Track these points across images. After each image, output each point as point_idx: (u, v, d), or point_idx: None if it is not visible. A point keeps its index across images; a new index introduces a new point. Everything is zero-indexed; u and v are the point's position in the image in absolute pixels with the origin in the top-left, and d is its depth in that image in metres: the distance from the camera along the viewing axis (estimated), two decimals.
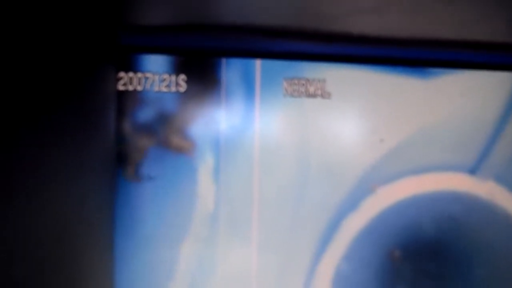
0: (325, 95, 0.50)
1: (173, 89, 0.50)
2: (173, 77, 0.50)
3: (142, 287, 0.49)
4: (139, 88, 0.50)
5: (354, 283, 0.49)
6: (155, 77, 0.50)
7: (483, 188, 0.51)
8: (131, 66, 0.50)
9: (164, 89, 0.50)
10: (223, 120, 0.50)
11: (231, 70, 0.50)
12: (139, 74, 0.50)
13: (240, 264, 0.49)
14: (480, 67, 0.51)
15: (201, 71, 0.50)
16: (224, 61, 0.50)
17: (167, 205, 0.49)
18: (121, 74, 0.50)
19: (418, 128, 0.51)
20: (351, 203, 0.50)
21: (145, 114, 0.50)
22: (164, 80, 0.50)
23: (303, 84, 0.50)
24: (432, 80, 0.50)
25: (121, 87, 0.50)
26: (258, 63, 0.50)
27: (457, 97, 0.51)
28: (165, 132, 0.50)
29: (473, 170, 0.50)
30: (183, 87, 0.50)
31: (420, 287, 0.50)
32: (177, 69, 0.50)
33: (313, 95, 0.50)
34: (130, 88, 0.50)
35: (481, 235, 0.50)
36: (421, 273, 0.50)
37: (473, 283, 0.50)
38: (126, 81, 0.50)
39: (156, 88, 0.50)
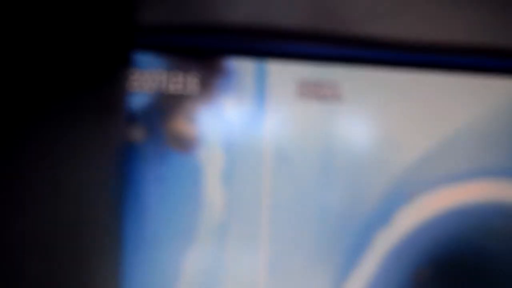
0: (337, 98, 0.50)
1: (184, 89, 0.49)
2: (184, 77, 0.49)
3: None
4: (150, 87, 0.49)
5: None
6: (167, 76, 0.49)
7: None
8: (142, 65, 0.49)
9: (174, 89, 0.49)
10: (234, 121, 0.49)
11: (242, 70, 0.50)
12: (151, 73, 0.49)
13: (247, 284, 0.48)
14: (496, 72, 0.50)
15: (212, 71, 0.50)
16: (236, 61, 0.50)
17: (174, 207, 0.48)
18: (133, 73, 0.49)
19: (453, 126, 0.49)
20: (381, 216, 0.48)
21: (155, 114, 0.49)
22: (174, 79, 0.49)
23: (315, 87, 0.50)
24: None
25: (133, 86, 0.49)
26: (270, 64, 0.50)
27: (495, 90, 0.49)
28: (174, 132, 0.49)
29: None
30: (194, 87, 0.49)
31: None
32: (188, 69, 0.50)
33: (325, 98, 0.50)
34: (142, 87, 0.49)
35: None
36: None
37: None
38: (138, 80, 0.49)
39: (166, 88, 0.49)
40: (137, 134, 0.49)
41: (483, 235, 0.47)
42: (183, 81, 0.49)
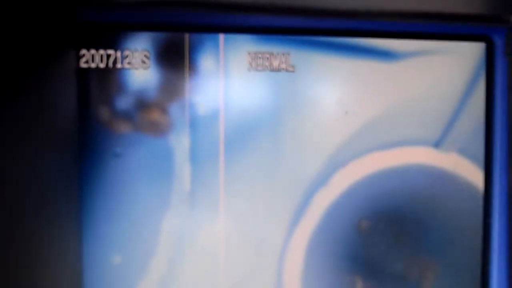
0: (290, 68, 0.50)
1: (137, 65, 0.49)
2: (136, 54, 0.49)
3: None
4: (101, 65, 0.49)
5: (325, 253, 0.52)
6: (118, 54, 0.49)
7: (447, 160, 0.53)
8: (93, 43, 0.49)
9: (127, 66, 0.49)
10: (188, 95, 0.50)
11: (194, 45, 0.49)
12: (101, 51, 0.49)
13: (213, 239, 0.51)
14: (441, 38, 0.52)
15: (164, 47, 0.49)
16: (187, 36, 0.49)
17: (132, 180, 0.50)
18: (83, 51, 0.48)
19: (384, 104, 0.52)
20: (321, 178, 0.52)
21: (108, 92, 0.49)
22: (126, 56, 0.49)
23: (267, 58, 0.50)
24: (396, 63, 0.52)
25: (83, 65, 0.48)
26: (221, 37, 0.50)
27: (420, 76, 0.52)
28: (129, 108, 0.49)
29: (437, 144, 0.52)
30: (146, 63, 0.49)
31: (386, 256, 0.53)
32: (140, 45, 0.49)
33: (277, 69, 0.50)
34: (93, 65, 0.49)
35: (445, 205, 0.53)
36: (388, 242, 0.53)
37: (438, 250, 0.53)
38: (88, 58, 0.48)
39: (119, 65, 0.49)
40: (91, 111, 0.49)
41: (409, 193, 0.53)
42: (135, 58, 0.49)
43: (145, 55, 0.49)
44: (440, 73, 0.52)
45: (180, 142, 0.50)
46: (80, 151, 0.49)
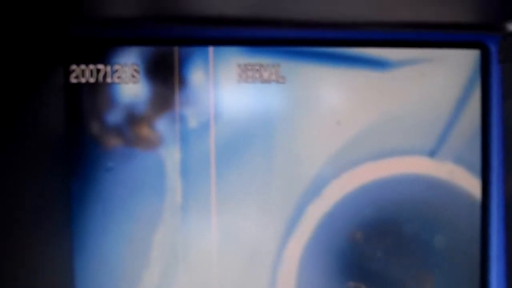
0: (280, 79, 0.50)
1: (126, 80, 0.49)
2: (126, 68, 0.49)
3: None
4: (91, 80, 0.49)
5: (319, 264, 0.52)
6: (107, 68, 0.49)
7: (442, 170, 0.52)
8: (83, 58, 0.49)
9: (117, 80, 0.49)
10: (178, 109, 0.50)
11: (183, 58, 0.50)
12: (91, 66, 0.49)
13: (205, 251, 0.51)
14: (435, 46, 0.52)
15: (154, 60, 0.49)
16: (176, 49, 0.49)
17: (123, 193, 0.50)
18: (73, 66, 0.49)
19: (377, 114, 0.51)
20: (314, 189, 0.51)
21: (99, 106, 0.49)
22: (116, 71, 0.49)
23: (257, 70, 0.50)
24: (389, 72, 0.51)
25: (73, 80, 0.49)
26: (210, 50, 0.50)
27: (414, 85, 0.51)
28: (119, 123, 0.49)
29: (432, 153, 0.52)
30: (136, 77, 0.49)
31: (382, 267, 0.52)
32: (130, 60, 0.49)
33: (268, 80, 0.50)
34: (83, 80, 0.49)
35: (441, 215, 0.52)
36: (383, 253, 0.52)
37: (435, 261, 0.52)
38: (78, 73, 0.49)
39: (108, 80, 0.49)
40: (81, 126, 0.49)
41: (404, 203, 0.52)
42: (125, 72, 0.49)
43: (134, 69, 0.49)
44: (434, 81, 0.51)
45: (171, 155, 0.50)
46: (71, 166, 0.49)
